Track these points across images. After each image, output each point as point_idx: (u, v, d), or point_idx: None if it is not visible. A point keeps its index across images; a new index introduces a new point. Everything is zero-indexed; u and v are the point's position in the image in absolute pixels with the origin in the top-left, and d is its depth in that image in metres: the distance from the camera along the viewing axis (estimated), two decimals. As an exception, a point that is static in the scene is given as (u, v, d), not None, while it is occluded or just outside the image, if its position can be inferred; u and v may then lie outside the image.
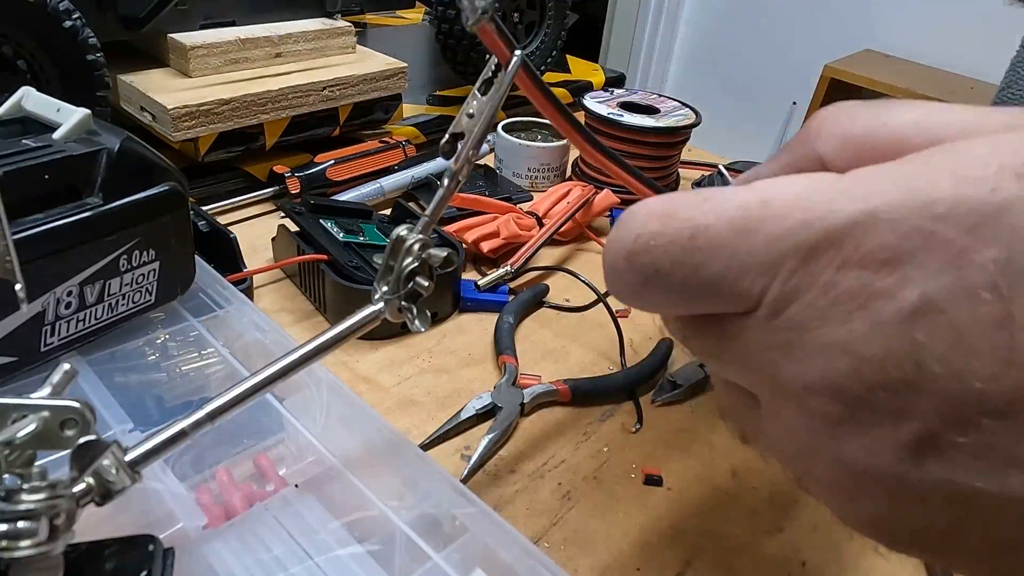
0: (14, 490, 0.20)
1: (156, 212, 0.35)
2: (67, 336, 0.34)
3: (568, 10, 0.84)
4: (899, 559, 0.37)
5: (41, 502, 0.20)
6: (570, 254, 0.61)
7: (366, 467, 0.31)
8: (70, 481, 0.22)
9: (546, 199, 0.63)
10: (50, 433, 0.21)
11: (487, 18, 0.24)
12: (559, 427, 0.43)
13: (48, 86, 0.51)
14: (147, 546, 0.23)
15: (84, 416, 0.21)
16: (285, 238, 0.52)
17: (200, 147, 0.59)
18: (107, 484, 0.22)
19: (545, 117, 0.29)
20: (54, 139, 0.33)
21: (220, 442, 0.33)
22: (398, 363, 0.46)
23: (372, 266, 0.48)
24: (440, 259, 0.28)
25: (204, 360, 0.38)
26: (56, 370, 0.22)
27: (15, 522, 0.20)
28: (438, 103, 0.82)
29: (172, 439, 0.24)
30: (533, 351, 0.49)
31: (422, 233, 0.28)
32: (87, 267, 0.33)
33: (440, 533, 0.29)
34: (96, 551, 0.23)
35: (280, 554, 0.28)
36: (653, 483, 0.40)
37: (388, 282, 0.28)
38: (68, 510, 0.21)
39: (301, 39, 0.66)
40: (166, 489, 0.29)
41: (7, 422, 0.21)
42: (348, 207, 0.56)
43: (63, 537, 0.21)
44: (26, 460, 0.21)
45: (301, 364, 0.27)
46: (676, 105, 0.71)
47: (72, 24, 0.50)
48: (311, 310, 0.50)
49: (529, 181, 0.70)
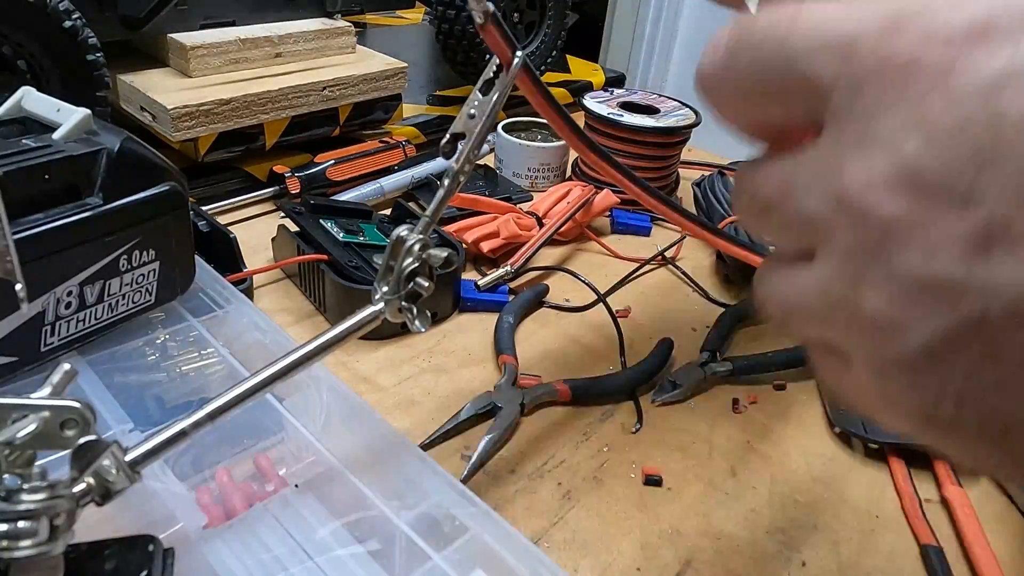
0: (14, 490, 0.20)
1: (156, 212, 0.35)
2: (67, 336, 0.34)
3: (568, 10, 0.84)
4: (901, 560, 0.37)
5: (41, 502, 0.20)
6: (570, 254, 0.61)
7: (366, 467, 0.31)
8: (70, 481, 0.22)
9: (546, 199, 0.63)
10: (50, 433, 0.21)
11: (492, 19, 0.24)
12: (559, 427, 0.43)
13: (48, 86, 0.51)
14: (147, 546, 0.24)
15: (84, 416, 0.21)
16: (285, 238, 0.52)
17: (200, 147, 0.59)
18: (107, 484, 0.22)
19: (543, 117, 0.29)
20: (54, 139, 0.33)
21: (220, 442, 0.33)
22: (398, 363, 0.46)
23: (372, 266, 0.48)
24: (440, 259, 0.28)
25: (204, 360, 0.38)
26: (56, 370, 0.23)
27: (15, 522, 0.20)
28: (438, 103, 0.82)
29: (172, 439, 0.24)
30: (533, 351, 0.49)
31: (422, 233, 0.28)
32: (87, 267, 0.33)
33: (440, 533, 0.29)
34: (96, 551, 0.23)
35: (280, 554, 0.28)
36: (653, 483, 0.40)
37: (388, 282, 0.28)
38: (68, 510, 0.21)
39: (301, 39, 0.67)
40: (166, 489, 0.29)
41: (7, 422, 0.21)
42: (348, 207, 0.56)
43: (63, 537, 0.21)
44: (26, 460, 0.21)
45: (301, 364, 0.27)
46: (676, 105, 0.71)
47: (72, 24, 0.50)
48: (311, 310, 0.50)
49: (529, 181, 0.70)
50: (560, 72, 0.97)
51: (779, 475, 0.41)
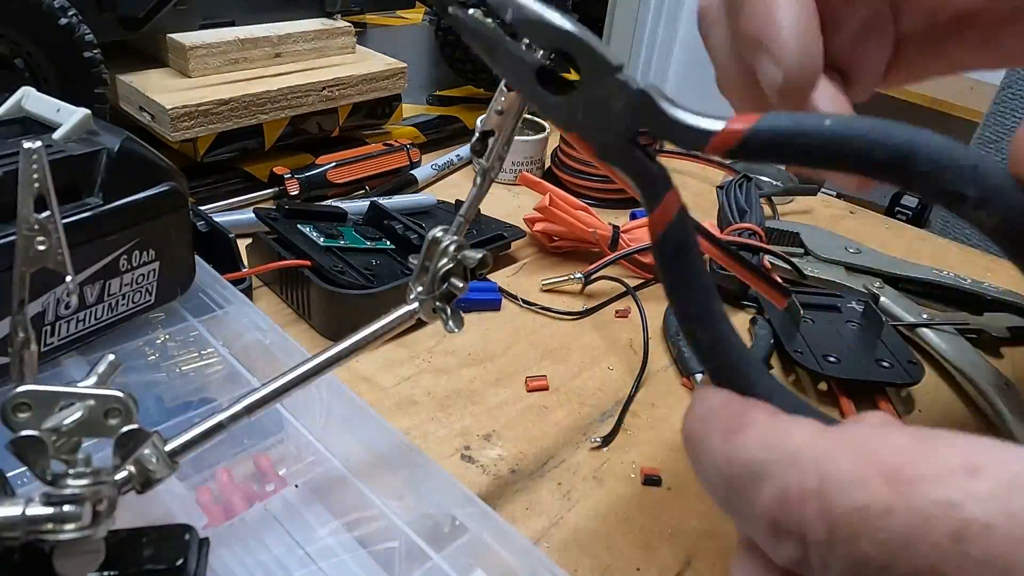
0: (60, 475, 0.21)
1: (156, 212, 0.35)
2: (67, 336, 0.34)
3: (568, 10, 0.84)
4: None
5: (86, 487, 0.21)
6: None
7: (366, 467, 0.31)
8: (113, 469, 0.22)
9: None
10: (95, 421, 0.22)
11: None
12: (559, 427, 0.43)
13: (46, 84, 0.51)
14: (184, 535, 0.24)
15: (127, 406, 0.22)
16: (262, 245, 0.50)
17: (199, 147, 0.59)
18: (148, 473, 0.24)
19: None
20: (54, 139, 0.33)
21: (220, 442, 0.33)
22: (398, 363, 0.46)
23: (356, 269, 0.48)
24: (475, 260, 0.28)
25: (204, 360, 0.38)
26: (101, 360, 0.23)
27: (60, 506, 0.21)
28: (438, 103, 0.82)
29: (210, 431, 0.25)
30: (533, 351, 0.49)
31: (457, 235, 0.28)
32: (87, 267, 0.33)
33: (440, 533, 0.29)
34: (135, 538, 0.24)
35: (280, 554, 0.28)
36: (653, 483, 0.40)
37: (423, 283, 0.28)
38: (110, 496, 0.22)
39: (301, 39, 0.66)
40: (166, 489, 0.29)
41: (55, 409, 0.22)
42: (323, 211, 0.54)
43: (105, 522, 0.22)
44: (72, 447, 0.22)
45: (338, 360, 0.28)
46: None
47: (68, 21, 0.50)
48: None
49: (513, 175, 0.71)
50: (560, 72, 0.97)
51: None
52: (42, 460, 0.21)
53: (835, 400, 0.47)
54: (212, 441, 0.25)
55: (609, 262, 0.55)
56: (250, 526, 0.29)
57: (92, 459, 0.22)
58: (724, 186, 0.66)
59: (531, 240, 0.60)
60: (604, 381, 0.47)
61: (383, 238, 0.53)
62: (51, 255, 0.22)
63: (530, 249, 0.60)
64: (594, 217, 0.58)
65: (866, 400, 0.47)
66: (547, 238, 0.59)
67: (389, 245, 0.52)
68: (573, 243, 0.59)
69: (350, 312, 0.46)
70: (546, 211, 0.56)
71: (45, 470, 0.21)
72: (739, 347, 0.21)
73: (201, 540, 0.25)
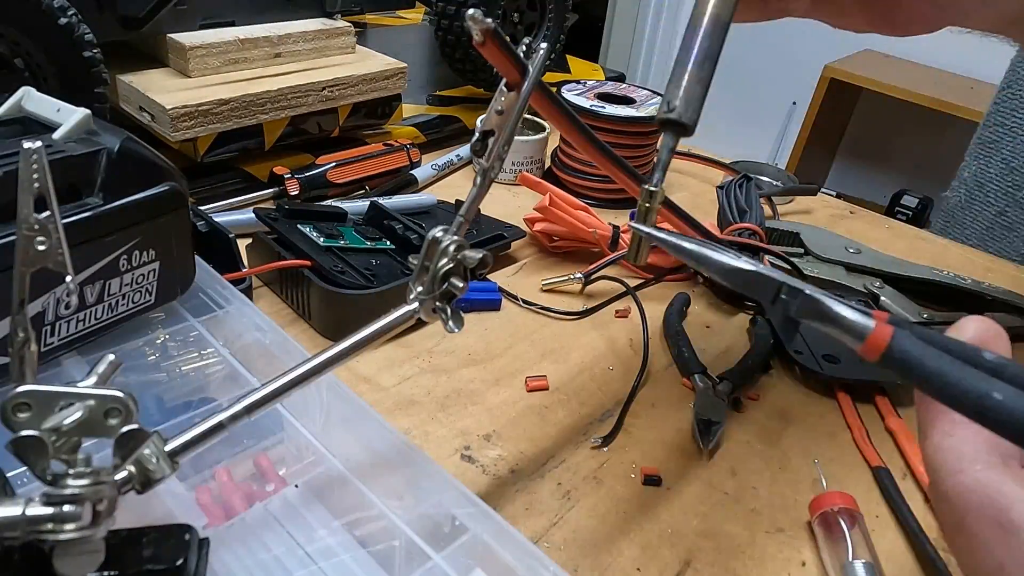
0: (60, 475, 0.21)
1: (156, 212, 0.35)
2: (67, 336, 0.34)
3: (568, 10, 0.84)
4: (901, 557, 0.37)
5: (86, 487, 0.21)
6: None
7: (366, 467, 0.31)
8: (113, 468, 0.22)
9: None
10: (95, 421, 0.22)
11: (493, 36, 0.25)
12: (559, 427, 0.43)
13: (45, 83, 0.51)
14: (184, 535, 0.24)
15: (127, 406, 0.22)
16: (262, 245, 0.51)
17: (199, 147, 0.59)
18: (147, 472, 0.23)
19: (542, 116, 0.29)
20: (54, 139, 0.33)
21: (220, 442, 0.33)
22: (398, 363, 0.46)
23: (356, 270, 0.48)
24: (475, 260, 0.28)
25: (204, 360, 0.38)
26: (101, 360, 0.23)
27: (61, 506, 0.21)
28: (438, 103, 0.82)
29: (210, 431, 0.25)
30: (533, 351, 0.49)
31: (457, 234, 0.28)
32: (87, 267, 0.33)
33: (440, 533, 0.29)
34: (135, 538, 0.24)
35: (280, 554, 0.28)
36: (653, 483, 0.40)
37: (423, 282, 0.28)
38: (110, 496, 0.22)
39: (301, 39, 0.66)
40: (166, 489, 0.29)
41: (55, 409, 0.22)
42: (323, 211, 0.54)
43: (105, 522, 0.22)
44: (72, 447, 0.22)
45: (338, 360, 0.28)
46: (648, 94, 0.72)
47: (68, 21, 0.50)
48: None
49: (513, 175, 0.71)
50: (560, 72, 0.97)
51: (779, 475, 0.41)
52: (42, 460, 0.21)
53: (835, 400, 0.47)
54: (212, 441, 0.25)
55: (609, 262, 0.55)
56: (250, 526, 0.29)
57: (92, 459, 0.22)
58: (724, 186, 0.66)
59: (531, 240, 0.60)
60: (604, 381, 0.47)
61: (383, 238, 0.53)
62: (51, 255, 0.22)
63: (530, 249, 0.60)
64: (594, 217, 0.58)
65: (866, 400, 0.47)
66: (547, 238, 0.59)
67: (389, 245, 0.52)
68: (573, 243, 0.59)
69: (350, 312, 0.46)
70: (546, 211, 0.56)
71: (45, 470, 0.21)
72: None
73: (201, 540, 0.25)
